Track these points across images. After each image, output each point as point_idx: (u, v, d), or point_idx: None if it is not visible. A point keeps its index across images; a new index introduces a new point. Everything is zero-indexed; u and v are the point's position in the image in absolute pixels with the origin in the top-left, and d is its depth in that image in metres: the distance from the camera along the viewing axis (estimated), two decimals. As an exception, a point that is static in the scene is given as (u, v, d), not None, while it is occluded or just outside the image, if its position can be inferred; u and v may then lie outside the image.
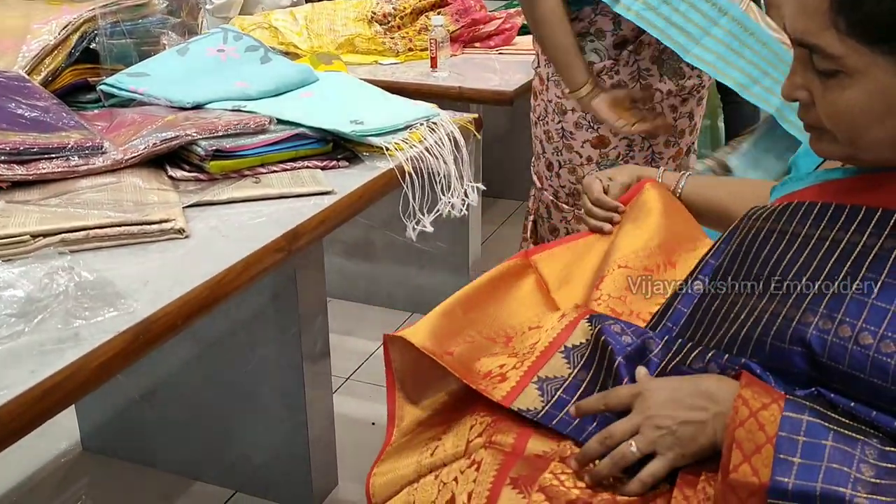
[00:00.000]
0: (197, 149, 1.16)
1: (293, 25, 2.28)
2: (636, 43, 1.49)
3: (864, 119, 0.69)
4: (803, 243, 0.74)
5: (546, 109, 1.61)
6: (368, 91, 1.51)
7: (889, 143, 0.70)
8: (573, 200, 1.62)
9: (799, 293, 0.71)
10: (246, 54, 1.52)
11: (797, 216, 0.76)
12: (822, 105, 0.70)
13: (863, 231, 0.70)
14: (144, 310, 0.81)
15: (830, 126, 0.71)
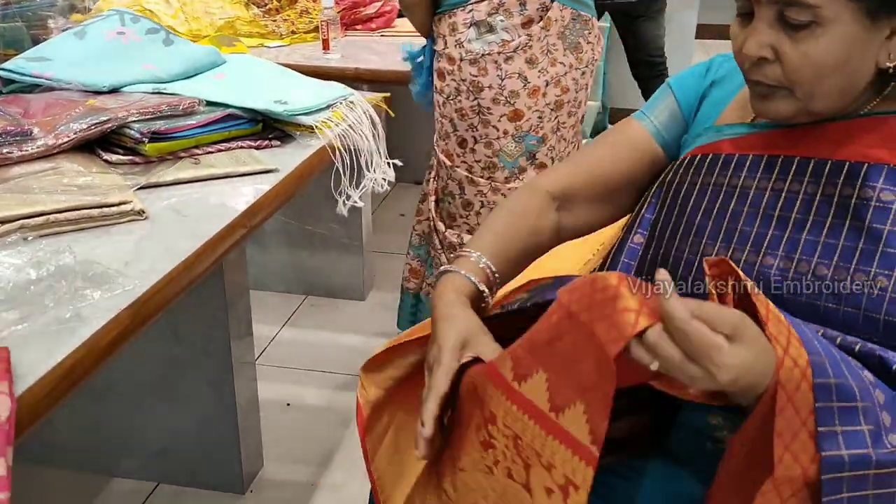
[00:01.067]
0: (130, 132, 1.15)
1: (167, 8, 2.21)
2: (545, 20, 1.61)
3: (830, 66, 0.76)
4: (743, 194, 0.84)
5: (458, 89, 1.69)
6: (280, 72, 1.52)
7: (839, 90, 0.78)
8: (488, 174, 1.72)
9: (754, 240, 0.81)
10: (147, 37, 1.48)
11: (730, 168, 0.86)
12: (793, 57, 0.77)
13: (801, 180, 0.81)
14: (138, 288, 0.82)
15: (795, 79, 0.78)
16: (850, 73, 0.79)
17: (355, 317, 2.38)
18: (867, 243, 0.77)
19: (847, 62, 0.77)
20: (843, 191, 0.80)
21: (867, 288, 0.76)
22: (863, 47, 0.77)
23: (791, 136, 0.85)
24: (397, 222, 3.02)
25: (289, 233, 2.42)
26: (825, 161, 0.81)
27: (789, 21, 0.76)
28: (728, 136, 0.91)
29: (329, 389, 2.04)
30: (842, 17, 0.75)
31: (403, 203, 3.20)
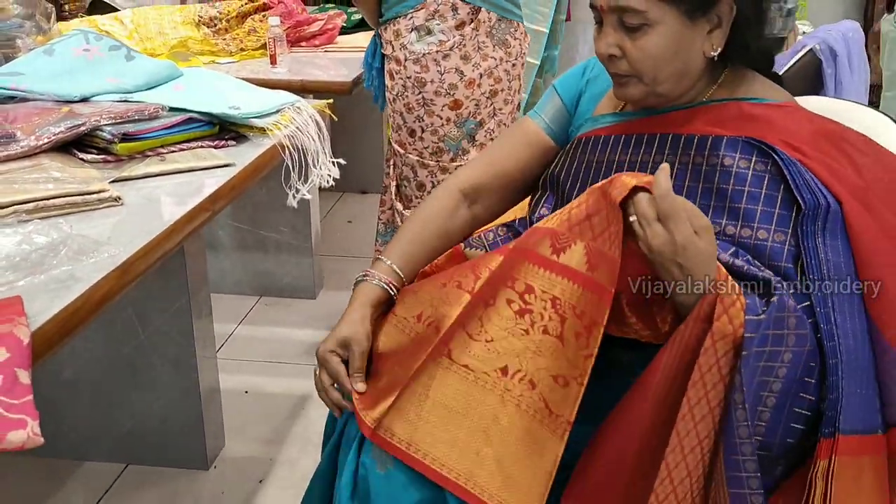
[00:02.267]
0: (103, 134, 1.31)
1: (122, 30, 2.35)
2: (475, 21, 1.86)
3: (663, 57, 0.97)
4: (619, 166, 1.03)
5: (405, 85, 1.92)
6: (232, 82, 1.69)
7: (676, 75, 0.99)
8: (436, 158, 1.96)
9: None
10: (110, 53, 1.64)
11: (608, 147, 1.06)
12: (633, 52, 0.98)
13: (662, 152, 1.01)
14: (123, 254, 0.98)
15: (639, 69, 0.98)
16: (683, 61, 1.00)
17: (307, 314, 2.53)
18: (716, 201, 0.98)
19: (677, 53, 0.98)
20: (695, 159, 1.00)
21: (719, 237, 0.96)
22: (688, 40, 0.99)
23: (650, 121, 1.06)
24: (345, 228, 3.19)
25: (242, 238, 2.57)
26: (679, 136, 1.02)
27: (627, 24, 0.98)
28: (603, 124, 1.12)
29: (284, 378, 2.19)
30: (665, 19, 0.97)
31: (350, 210, 3.38)
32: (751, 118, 0.99)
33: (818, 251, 0.90)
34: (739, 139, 0.98)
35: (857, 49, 1.84)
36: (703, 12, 0.98)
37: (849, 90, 1.80)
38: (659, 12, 0.96)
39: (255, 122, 1.48)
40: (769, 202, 0.94)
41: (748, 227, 0.94)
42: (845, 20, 1.98)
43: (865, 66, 1.87)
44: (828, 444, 0.86)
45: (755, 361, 0.84)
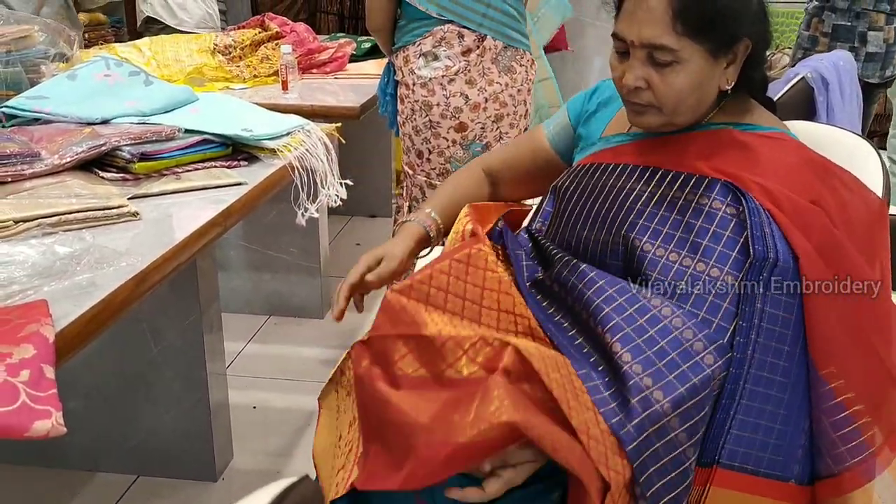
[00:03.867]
0: (122, 153, 1.38)
1: (140, 57, 2.45)
2: (480, 48, 1.92)
3: (687, 92, 1.03)
4: (617, 192, 1.09)
5: (413, 109, 2.00)
6: (246, 106, 1.77)
7: (694, 107, 1.06)
8: (443, 178, 2.02)
9: (628, 227, 1.04)
10: (130, 78, 1.72)
11: (610, 175, 1.12)
12: (660, 87, 1.03)
13: (649, 183, 1.07)
14: (140, 264, 1.05)
15: (662, 101, 1.04)
16: (701, 95, 1.07)
17: (315, 333, 2.59)
18: (683, 233, 1.01)
19: (699, 87, 1.05)
20: (675, 194, 1.05)
21: (677, 266, 0.99)
22: (709, 76, 1.05)
23: (652, 146, 1.12)
24: (353, 250, 3.25)
25: (252, 258, 2.64)
26: (668, 171, 1.08)
27: (657, 60, 1.03)
28: (612, 144, 1.19)
29: (292, 394, 2.24)
30: (693, 57, 1.03)
31: (359, 233, 3.45)
32: (740, 147, 1.05)
33: (755, 299, 0.94)
34: (719, 182, 1.03)
35: (848, 78, 1.89)
36: (725, 52, 1.04)
37: (840, 118, 1.85)
38: (690, 51, 1.02)
39: (267, 144, 1.55)
40: (730, 244, 0.98)
41: (704, 262, 0.98)
42: (839, 50, 2.04)
43: (858, 94, 1.93)
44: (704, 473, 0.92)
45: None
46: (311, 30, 2.70)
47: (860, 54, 2.18)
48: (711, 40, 1.02)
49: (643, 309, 0.95)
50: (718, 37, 1.02)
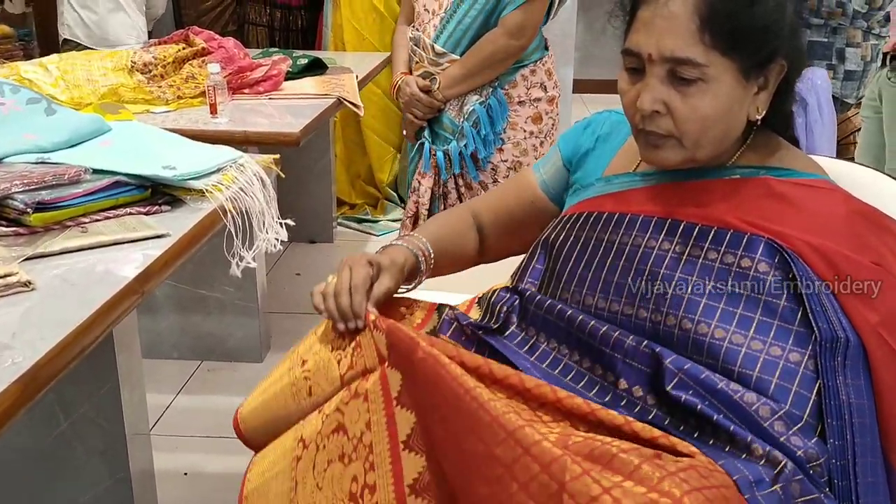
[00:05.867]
0: (14, 203, 1.14)
1: (46, 77, 2.17)
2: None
3: (713, 119, 0.86)
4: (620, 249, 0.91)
5: (553, 122, 2.10)
6: (167, 137, 1.54)
7: (719, 140, 0.89)
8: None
9: (628, 293, 0.88)
10: (28, 107, 1.47)
11: (611, 226, 0.94)
12: (682, 111, 0.86)
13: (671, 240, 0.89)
14: (27, 360, 0.81)
15: (685, 129, 0.87)
16: (728, 125, 0.89)
17: (253, 380, 2.34)
18: (727, 305, 0.85)
19: (727, 115, 0.88)
20: (708, 254, 0.88)
21: (727, 343, 0.83)
22: (738, 102, 0.88)
23: (667, 192, 0.93)
24: (293, 281, 3.02)
25: (180, 298, 2.38)
26: (693, 225, 0.90)
27: (680, 77, 0.85)
28: (615, 186, 1.00)
29: (228, 455, 2.00)
30: (723, 76, 0.86)
31: (299, 261, 3.21)
32: (779, 198, 0.89)
33: (839, 392, 0.79)
34: (761, 240, 0.86)
35: (826, 97, 1.78)
36: (758, 71, 0.88)
37: (820, 141, 1.74)
38: (720, 68, 0.85)
39: (193, 184, 1.32)
40: (787, 317, 0.83)
41: (760, 340, 0.82)
42: (815, 68, 1.94)
43: (833, 115, 1.82)
44: None
45: None
46: (240, 45, 2.46)
47: (838, 72, 2.09)
48: (744, 57, 0.86)
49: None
50: (752, 53, 0.86)
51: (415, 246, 1.08)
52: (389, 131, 3.78)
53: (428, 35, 2.03)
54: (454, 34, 2.00)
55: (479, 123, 2.01)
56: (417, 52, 2.08)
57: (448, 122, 2.07)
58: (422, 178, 2.11)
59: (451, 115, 2.07)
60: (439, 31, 2.01)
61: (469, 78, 2.00)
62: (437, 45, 2.02)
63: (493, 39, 1.96)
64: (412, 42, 2.09)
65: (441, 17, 2.00)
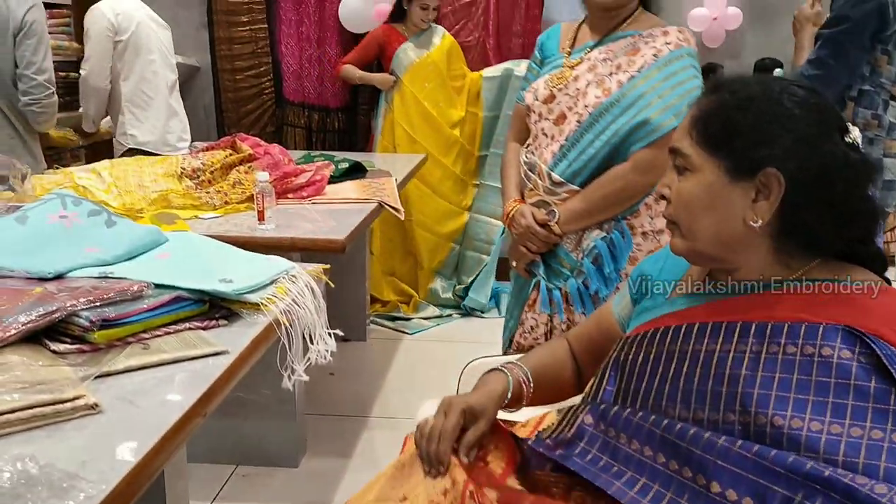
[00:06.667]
0: (79, 320, 1.15)
1: (100, 183, 2.24)
2: None
3: (696, 206, 0.94)
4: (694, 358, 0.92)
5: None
6: (222, 248, 1.57)
7: (714, 234, 0.94)
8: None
9: (711, 399, 0.89)
10: (90, 219, 1.51)
11: (680, 337, 0.95)
12: (675, 195, 0.97)
13: (745, 341, 0.90)
14: (99, 494, 0.81)
15: (673, 212, 0.97)
16: (720, 223, 0.94)
17: (289, 486, 2.31)
18: (817, 395, 0.85)
19: (712, 207, 0.94)
20: (786, 349, 0.89)
21: (825, 435, 0.83)
22: (725, 199, 0.93)
23: (731, 305, 0.95)
24: (326, 381, 3.00)
25: (219, 400, 2.37)
26: (765, 323, 0.91)
27: (676, 165, 0.97)
28: (679, 306, 1.03)
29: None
30: (705, 168, 0.94)
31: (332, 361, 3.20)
32: (846, 301, 0.90)
33: None
34: (839, 327, 0.87)
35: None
36: (747, 176, 0.93)
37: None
38: (700, 160, 0.95)
39: (249, 298, 1.34)
40: (882, 397, 0.83)
41: (859, 426, 0.82)
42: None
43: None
44: None
45: None
46: (285, 151, 2.53)
47: (876, 182, 2.10)
48: (726, 158, 0.93)
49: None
50: (736, 156, 0.93)
51: (515, 375, 1.15)
52: (440, 226, 3.85)
53: (545, 161, 1.83)
54: (574, 164, 1.80)
55: (601, 260, 1.79)
56: (532, 178, 1.88)
57: (565, 256, 1.85)
58: (535, 315, 1.90)
59: (568, 249, 1.85)
60: (558, 158, 1.81)
61: (592, 214, 1.80)
62: (555, 173, 1.82)
63: (620, 175, 1.76)
64: (526, 166, 1.90)
65: (561, 145, 1.81)
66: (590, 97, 1.77)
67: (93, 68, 3.05)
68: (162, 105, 3.21)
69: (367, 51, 3.85)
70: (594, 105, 1.76)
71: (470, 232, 3.91)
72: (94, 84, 3.06)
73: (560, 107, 1.82)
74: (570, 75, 1.81)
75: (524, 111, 1.92)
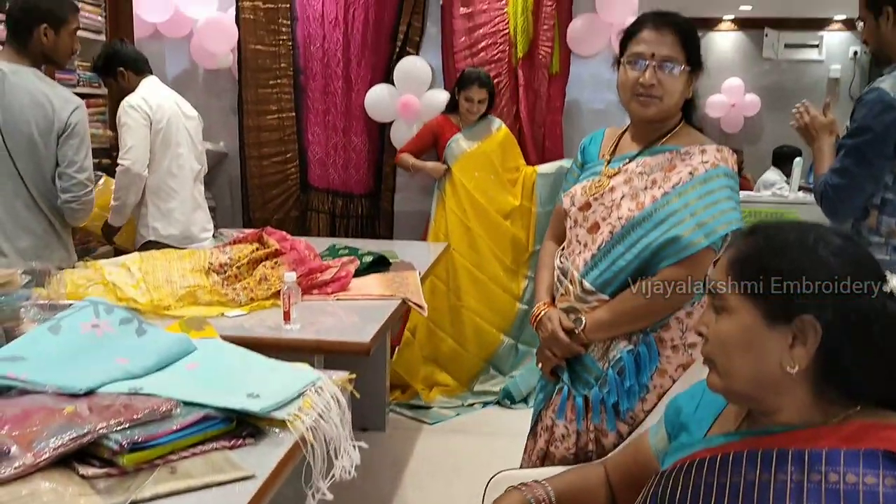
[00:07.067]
0: (108, 443, 1.16)
1: (129, 278, 2.28)
2: None
3: (733, 346, 0.95)
4: (733, 488, 0.93)
5: None
6: (249, 359, 1.57)
7: (750, 377, 0.94)
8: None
9: None
10: (121, 327, 1.54)
11: (716, 469, 0.95)
12: (711, 334, 0.97)
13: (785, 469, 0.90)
14: None
15: (710, 351, 0.97)
16: (756, 364, 0.94)
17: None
18: None
19: (749, 349, 0.94)
20: (829, 477, 0.88)
21: None
22: (762, 343, 0.93)
23: (765, 441, 0.95)
24: (345, 476, 2.96)
25: None
26: (803, 450, 0.91)
27: (713, 306, 0.99)
28: (714, 444, 1.03)
29: None
30: (741, 310, 0.95)
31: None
32: (882, 427, 0.90)
33: None
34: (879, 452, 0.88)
35: None
36: (784, 321, 0.93)
37: None
38: (737, 302, 0.96)
39: (277, 415, 1.34)
40: None
41: None
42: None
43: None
44: None
45: None
46: (311, 246, 2.57)
47: None
48: (763, 302, 0.94)
49: None
50: (771, 301, 0.93)
51: (535, 496, 1.18)
52: (492, 313, 3.87)
53: (577, 268, 1.84)
54: (605, 274, 1.79)
55: (625, 372, 1.76)
56: (564, 282, 1.88)
57: (591, 364, 1.84)
58: (566, 423, 1.86)
59: (594, 357, 1.84)
60: (590, 267, 1.81)
61: (617, 326, 1.79)
62: (586, 281, 1.82)
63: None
64: (559, 270, 1.90)
65: (593, 254, 1.81)
66: (623, 209, 1.78)
67: (136, 157, 3.06)
68: (187, 198, 3.25)
69: (423, 140, 3.97)
70: (627, 218, 1.77)
71: (524, 325, 3.89)
72: (137, 172, 3.07)
73: (595, 216, 1.83)
74: (607, 185, 1.82)
75: (563, 213, 1.93)
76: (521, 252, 3.93)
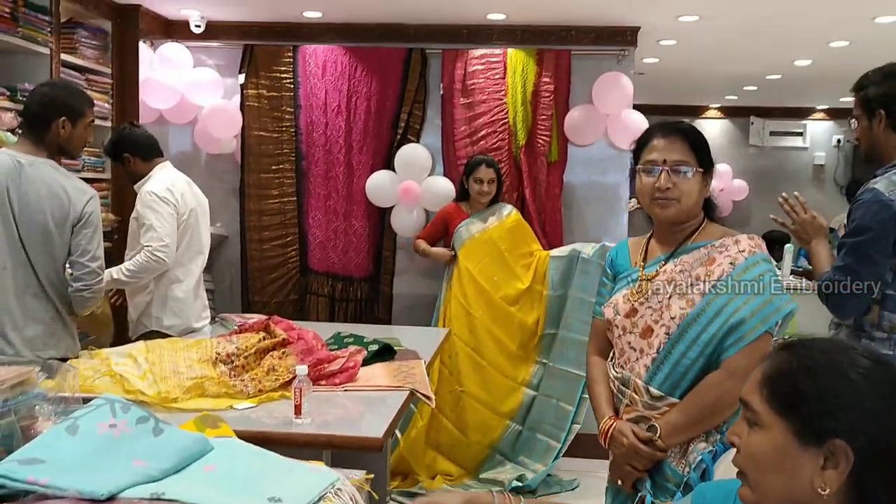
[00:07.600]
0: (133, 554, 1.14)
1: (135, 369, 2.26)
2: None
3: (764, 463, 0.95)
4: None
5: None
6: (265, 458, 1.56)
7: (781, 495, 0.95)
8: None
9: None
10: (138, 427, 1.52)
11: None
12: (743, 446, 0.99)
13: None
14: None
15: (745, 465, 0.98)
16: (788, 483, 0.94)
17: None
18: None
19: (780, 469, 0.94)
20: None
21: None
22: (794, 462, 0.94)
23: None
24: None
25: None
26: None
27: (747, 419, 1.00)
28: None
29: None
30: (774, 427, 0.96)
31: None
32: None
33: None
34: None
35: None
36: (815, 443, 0.94)
37: None
38: (769, 418, 0.97)
39: (299, 521, 1.32)
40: None
41: None
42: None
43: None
44: None
45: None
46: (318, 336, 2.57)
47: None
48: (795, 422, 0.95)
49: None
50: (802, 422, 0.95)
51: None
52: (494, 399, 3.84)
53: (639, 375, 1.83)
54: (671, 376, 1.79)
55: (707, 475, 1.72)
56: (627, 393, 1.87)
57: (670, 472, 1.82)
58: None
59: (672, 464, 1.82)
60: (652, 372, 1.81)
61: (693, 426, 1.77)
62: (652, 387, 1.82)
63: (715, 384, 1.75)
64: (618, 381, 1.89)
65: (653, 358, 1.81)
66: (674, 309, 1.80)
67: (170, 247, 3.07)
68: (190, 289, 3.26)
69: (436, 227, 4.06)
70: (681, 316, 1.79)
71: (538, 414, 3.86)
72: (169, 261, 3.07)
73: (644, 320, 1.84)
74: (649, 288, 1.85)
75: (604, 326, 1.94)
76: (530, 337, 3.93)
